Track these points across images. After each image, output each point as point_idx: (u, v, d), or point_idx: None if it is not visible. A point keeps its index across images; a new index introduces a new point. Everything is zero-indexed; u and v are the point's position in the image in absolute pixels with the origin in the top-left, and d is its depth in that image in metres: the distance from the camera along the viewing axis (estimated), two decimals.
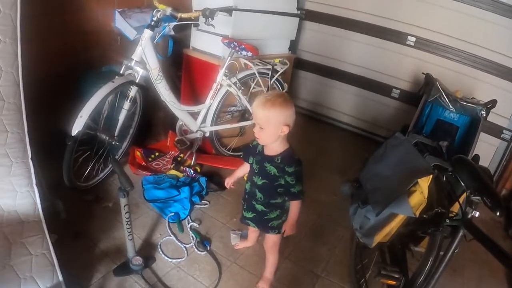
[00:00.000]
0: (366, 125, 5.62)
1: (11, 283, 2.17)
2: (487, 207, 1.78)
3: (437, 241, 2.14)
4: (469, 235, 1.92)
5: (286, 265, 3.02)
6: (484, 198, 1.81)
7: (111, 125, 3.39)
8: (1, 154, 2.21)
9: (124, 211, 2.51)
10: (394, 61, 5.11)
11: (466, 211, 1.93)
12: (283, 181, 2.41)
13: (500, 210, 1.74)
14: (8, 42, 2.16)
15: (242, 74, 3.95)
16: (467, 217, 1.92)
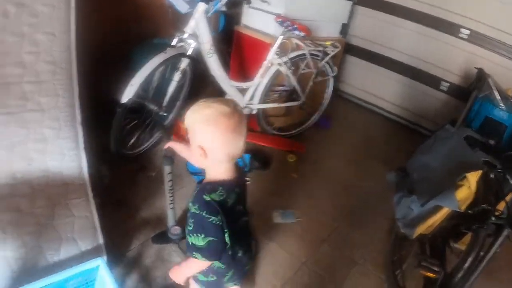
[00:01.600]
0: (411, 116, 5.47)
1: (52, 242, 2.18)
2: None
3: (480, 238, 2.05)
4: None
5: (324, 249, 2.97)
6: None
7: (159, 96, 3.36)
8: (52, 118, 2.22)
9: (167, 179, 2.49)
10: (445, 53, 4.93)
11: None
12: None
13: None
14: (63, 8, 2.14)
15: (293, 54, 3.87)
16: None
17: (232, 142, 1.53)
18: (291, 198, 3.42)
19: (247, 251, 1.81)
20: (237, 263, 1.76)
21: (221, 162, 1.56)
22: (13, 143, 2.10)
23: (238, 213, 1.65)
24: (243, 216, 1.71)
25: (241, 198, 1.68)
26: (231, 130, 1.50)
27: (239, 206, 1.66)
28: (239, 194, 1.64)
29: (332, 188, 3.66)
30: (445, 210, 2.29)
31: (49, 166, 2.23)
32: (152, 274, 2.49)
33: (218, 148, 1.52)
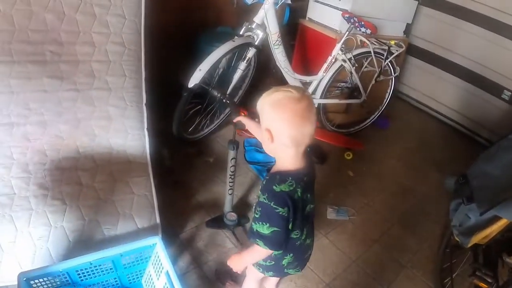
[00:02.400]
0: (469, 123, 5.24)
1: (110, 216, 2.20)
2: None
3: None
4: None
5: (375, 249, 2.87)
6: None
7: (224, 83, 3.32)
8: (118, 97, 2.24)
9: (230, 164, 2.45)
10: (509, 60, 4.71)
11: None
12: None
13: None
14: None
15: (358, 51, 3.74)
16: None
17: (298, 127, 1.44)
18: (346, 196, 3.33)
19: (308, 237, 1.74)
20: (298, 249, 1.71)
21: (287, 147, 1.47)
22: (79, 119, 2.14)
23: (305, 200, 1.58)
24: (310, 203, 1.63)
25: (309, 187, 1.60)
26: (298, 114, 1.43)
27: (306, 194, 1.57)
28: (307, 183, 1.56)
29: (386, 189, 3.54)
30: (504, 221, 2.15)
31: (112, 144, 2.25)
32: (204, 258, 2.46)
33: (284, 131, 1.45)
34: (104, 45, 2.14)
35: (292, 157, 1.52)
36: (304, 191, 1.53)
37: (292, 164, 1.53)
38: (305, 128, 1.46)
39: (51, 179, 2.04)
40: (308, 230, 1.72)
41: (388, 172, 3.80)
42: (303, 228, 1.66)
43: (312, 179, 1.62)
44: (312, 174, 1.61)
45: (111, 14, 2.11)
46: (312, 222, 1.77)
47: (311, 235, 1.78)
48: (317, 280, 2.52)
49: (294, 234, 1.62)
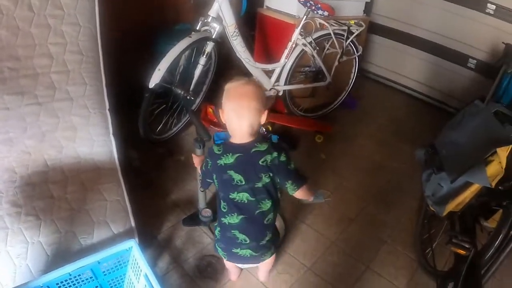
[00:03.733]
0: (438, 95, 5.37)
1: (85, 226, 2.24)
2: None
3: (510, 215, 2.01)
4: None
5: (353, 228, 2.96)
6: None
7: (186, 80, 3.36)
8: (81, 105, 2.26)
9: None
10: (471, 29, 4.82)
11: None
12: None
13: None
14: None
15: (318, 34, 3.81)
16: None
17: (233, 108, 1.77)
18: (320, 178, 3.42)
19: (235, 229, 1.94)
20: (223, 227, 1.99)
21: (227, 124, 1.82)
22: (43, 132, 2.16)
23: (229, 175, 1.84)
24: (239, 188, 1.85)
25: (242, 168, 1.82)
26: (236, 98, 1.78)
27: (234, 170, 1.82)
28: (240, 162, 1.82)
29: (360, 168, 3.64)
30: (475, 186, 2.26)
31: (80, 153, 2.28)
32: (184, 256, 2.52)
33: (225, 110, 1.80)
34: (62, 55, 2.16)
35: (232, 132, 1.84)
36: (231, 166, 1.82)
37: (233, 138, 1.85)
38: (239, 110, 1.76)
39: (23, 196, 2.07)
40: (241, 223, 1.91)
41: (360, 151, 3.90)
42: (229, 209, 1.91)
43: (248, 163, 1.81)
44: (249, 159, 1.81)
45: (65, 23, 2.13)
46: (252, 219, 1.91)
47: (248, 231, 1.94)
48: (298, 265, 2.60)
49: (222, 206, 1.95)
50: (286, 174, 1.86)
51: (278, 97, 3.96)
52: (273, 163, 1.80)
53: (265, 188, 1.85)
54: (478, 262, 2.06)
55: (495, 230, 2.07)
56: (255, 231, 1.95)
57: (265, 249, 2.02)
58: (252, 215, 1.89)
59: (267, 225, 1.96)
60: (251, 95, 1.75)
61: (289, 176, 1.86)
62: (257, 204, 1.87)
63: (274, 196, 1.91)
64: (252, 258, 2.01)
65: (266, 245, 2.00)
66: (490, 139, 2.23)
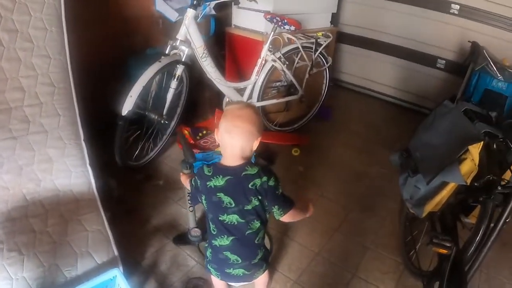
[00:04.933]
0: (411, 98, 5.50)
1: (68, 258, 2.24)
2: None
3: (488, 209, 2.07)
4: None
5: (337, 237, 3.02)
6: None
7: (159, 105, 3.42)
8: (55, 137, 2.28)
9: None
10: (438, 30, 4.97)
11: None
12: None
13: None
14: (54, 31, 2.21)
15: (286, 48, 3.91)
16: None
17: (224, 131, 1.77)
18: (300, 191, 3.47)
19: (226, 250, 1.92)
20: (214, 249, 1.96)
21: (220, 146, 1.83)
22: (20, 166, 2.17)
23: (219, 197, 1.81)
24: (228, 210, 1.82)
25: (231, 191, 1.80)
26: (229, 122, 1.77)
27: (223, 193, 1.80)
28: (230, 184, 1.80)
29: (339, 176, 3.70)
30: (451, 185, 2.30)
31: (58, 185, 2.29)
32: (169, 280, 2.54)
33: (218, 132, 1.80)
34: (34, 88, 2.17)
35: (223, 153, 1.83)
36: (221, 188, 1.80)
37: (223, 160, 1.84)
38: (232, 131, 1.76)
39: (4, 232, 2.07)
40: (232, 244, 1.89)
41: (338, 160, 3.98)
42: (219, 231, 1.89)
43: (238, 186, 1.80)
44: (239, 182, 1.79)
45: (36, 56, 2.15)
46: (243, 240, 1.90)
47: (239, 251, 1.93)
48: (284, 279, 2.63)
49: (212, 228, 1.92)
50: (273, 199, 1.85)
51: None
52: (262, 187, 1.79)
53: (254, 210, 1.83)
54: (461, 259, 2.12)
55: (475, 226, 2.13)
56: (246, 252, 1.94)
57: (258, 267, 2.01)
58: (242, 236, 1.88)
59: (258, 244, 1.97)
60: (246, 118, 1.76)
61: (276, 201, 1.86)
62: (246, 225, 1.86)
63: (263, 217, 1.90)
64: (245, 276, 2.00)
65: (258, 263, 1.99)
66: (461, 137, 2.28)
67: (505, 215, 1.93)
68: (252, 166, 1.81)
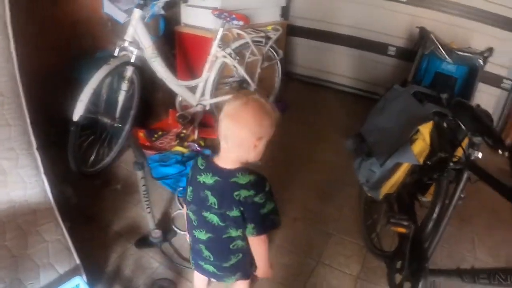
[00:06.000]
0: (365, 85, 5.62)
1: (30, 271, 2.20)
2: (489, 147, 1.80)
3: (443, 186, 2.16)
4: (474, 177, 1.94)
5: (298, 227, 3.08)
6: (485, 138, 1.83)
7: (111, 108, 3.39)
8: (7, 148, 2.25)
9: (141, 183, 2.53)
10: (387, 19, 5.10)
11: (469, 153, 1.95)
12: None
13: (502, 147, 1.76)
14: (0, 38, 2.18)
15: (236, 44, 3.94)
16: (471, 158, 1.94)
17: (222, 126, 1.65)
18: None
19: (202, 243, 1.90)
20: (193, 238, 1.95)
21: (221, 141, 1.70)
22: None
23: (205, 194, 1.76)
24: (211, 209, 1.76)
25: (218, 192, 1.73)
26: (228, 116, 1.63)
27: (210, 193, 1.74)
28: (217, 184, 1.73)
29: (297, 167, 3.76)
30: (405, 165, 2.39)
31: (13, 197, 2.26)
32: (134, 283, 2.54)
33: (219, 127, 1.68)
34: None
35: (222, 152, 1.72)
36: (207, 186, 1.74)
37: (217, 158, 1.75)
38: (228, 126, 1.64)
39: None
40: (208, 240, 1.86)
41: (296, 151, 4.04)
42: (199, 224, 1.85)
43: (224, 190, 1.71)
44: (226, 187, 1.70)
45: None
46: (218, 240, 1.84)
47: (212, 249, 1.90)
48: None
49: (193, 219, 1.87)
50: (253, 216, 1.72)
51: (206, 112, 4.05)
52: (246, 201, 1.67)
53: (235, 219, 1.72)
54: (420, 237, 2.20)
55: (431, 203, 2.22)
56: (218, 253, 1.90)
57: (228, 273, 1.97)
58: (218, 237, 1.82)
59: (233, 250, 1.86)
60: (243, 120, 1.62)
61: (255, 219, 1.72)
62: (225, 229, 1.78)
63: (242, 228, 1.77)
64: (214, 274, 1.99)
65: (228, 269, 1.93)
66: (411, 119, 2.35)
67: (458, 190, 2.01)
68: (245, 174, 1.69)
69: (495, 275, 1.68)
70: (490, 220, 3.38)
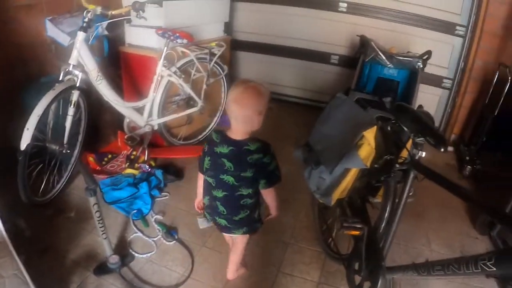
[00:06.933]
0: (312, 95, 5.73)
1: None
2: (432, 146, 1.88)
3: (390, 187, 2.26)
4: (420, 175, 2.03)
5: (255, 238, 3.06)
6: (427, 138, 1.91)
7: (59, 134, 3.33)
8: None
9: (94, 210, 2.50)
10: (329, 28, 5.24)
11: (414, 153, 2.04)
12: None
13: (444, 145, 1.84)
14: None
15: (181, 62, 3.96)
16: (415, 158, 2.04)
17: (230, 108, 2.18)
18: None
19: (219, 200, 2.38)
20: (211, 197, 2.43)
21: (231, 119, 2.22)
22: None
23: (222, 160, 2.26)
24: (228, 172, 2.26)
25: (233, 158, 2.24)
26: (233, 100, 2.17)
27: (226, 159, 2.25)
28: (232, 153, 2.23)
29: None
30: (354, 171, 2.46)
31: None
32: None
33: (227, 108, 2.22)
34: None
35: (231, 127, 2.24)
36: (224, 155, 2.24)
37: (230, 132, 2.25)
38: (235, 113, 2.17)
39: None
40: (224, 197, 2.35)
41: None
42: (217, 185, 2.34)
43: (239, 157, 2.23)
44: (240, 154, 2.22)
45: None
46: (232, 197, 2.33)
47: (227, 205, 2.38)
48: None
49: (212, 182, 2.36)
50: (264, 173, 2.28)
51: (155, 132, 4.04)
52: (258, 162, 2.22)
53: (248, 179, 2.26)
54: (374, 237, 2.28)
55: (382, 204, 2.31)
56: (231, 207, 2.37)
57: (237, 225, 2.43)
58: (232, 194, 2.31)
59: (242, 206, 2.35)
60: (246, 102, 2.15)
61: (265, 175, 2.29)
62: (238, 187, 2.29)
63: (253, 186, 2.32)
64: (226, 228, 2.47)
65: (238, 221, 2.41)
66: (356, 125, 2.44)
67: (406, 189, 2.09)
68: (253, 142, 2.23)
69: (448, 266, 1.75)
70: (443, 213, 3.54)
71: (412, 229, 3.29)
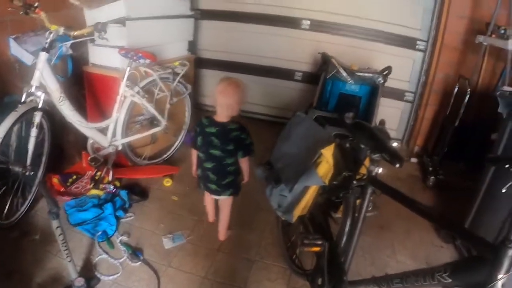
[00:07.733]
0: (277, 112, 5.82)
1: None
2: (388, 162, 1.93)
3: (350, 202, 2.32)
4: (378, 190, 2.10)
5: (220, 257, 3.15)
6: (382, 155, 1.97)
7: (22, 156, 3.31)
8: None
9: (57, 233, 2.50)
10: (292, 46, 5.34)
11: (371, 169, 2.10)
12: None
13: (398, 161, 1.89)
14: None
15: (144, 82, 3.99)
16: (372, 174, 2.10)
17: (218, 96, 2.94)
18: (177, 221, 3.58)
19: (209, 171, 3.07)
20: (203, 168, 3.12)
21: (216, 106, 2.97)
22: None
23: (210, 138, 2.98)
24: (215, 146, 2.98)
25: (219, 136, 2.96)
26: (219, 91, 2.95)
27: (214, 137, 2.97)
28: (218, 132, 2.97)
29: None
30: (313, 188, 2.52)
31: None
32: None
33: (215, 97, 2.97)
34: None
35: (218, 113, 2.98)
36: (212, 134, 2.97)
37: (216, 116, 3.00)
38: (220, 100, 2.93)
39: None
40: (213, 167, 3.05)
41: None
42: (207, 158, 3.04)
43: (223, 134, 2.96)
44: (224, 132, 2.97)
45: None
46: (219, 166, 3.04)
47: (216, 173, 3.07)
48: None
49: (202, 156, 3.07)
50: (241, 145, 3.01)
51: (119, 152, 4.05)
52: (237, 137, 2.97)
53: (230, 151, 2.98)
54: (336, 252, 2.33)
55: (342, 220, 2.37)
56: (219, 174, 3.07)
57: (225, 188, 3.13)
58: (220, 163, 3.02)
59: (228, 172, 3.07)
60: (229, 93, 2.92)
61: (242, 147, 3.01)
62: (224, 158, 2.99)
63: (234, 157, 3.02)
64: (216, 191, 3.15)
65: (225, 185, 3.11)
66: (314, 143, 2.49)
67: (364, 205, 2.16)
68: (234, 123, 2.98)
69: (407, 278, 1.82)
70: (407, 224, 3.62)
71: (377, 241, 3.37)
